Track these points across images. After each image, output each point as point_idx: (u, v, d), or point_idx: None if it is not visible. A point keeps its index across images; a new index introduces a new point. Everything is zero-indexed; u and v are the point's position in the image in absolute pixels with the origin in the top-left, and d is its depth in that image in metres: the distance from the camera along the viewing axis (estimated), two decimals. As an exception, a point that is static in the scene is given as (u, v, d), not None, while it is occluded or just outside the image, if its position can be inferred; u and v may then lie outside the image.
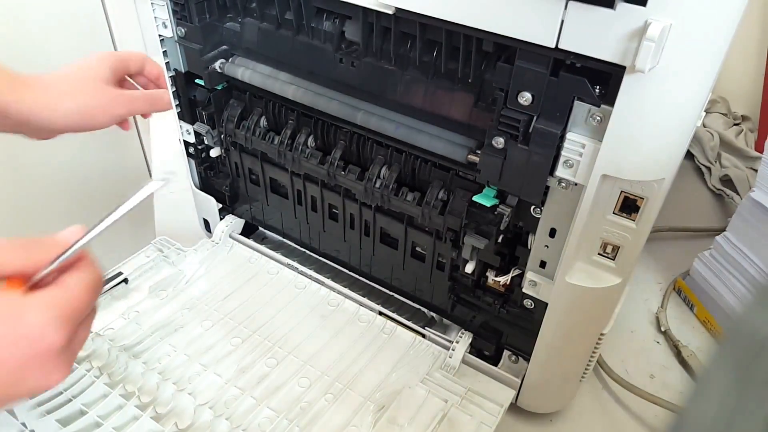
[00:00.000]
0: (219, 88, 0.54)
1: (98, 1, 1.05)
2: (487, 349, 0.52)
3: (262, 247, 0.62)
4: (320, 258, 0.62)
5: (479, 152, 0.40)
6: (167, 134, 0.58)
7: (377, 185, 0.48)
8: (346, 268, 0.60)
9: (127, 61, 0.59)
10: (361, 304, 0.57)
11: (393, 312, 0.56)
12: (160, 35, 0.52)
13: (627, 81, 0.32)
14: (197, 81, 0.54)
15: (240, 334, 0.53)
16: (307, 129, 0.51)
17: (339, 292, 0.58)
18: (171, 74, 0.55)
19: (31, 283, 0.33)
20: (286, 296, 0.58)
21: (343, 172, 0.50)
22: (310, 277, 0.60)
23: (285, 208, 0.59)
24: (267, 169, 0.57)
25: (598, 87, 0.34)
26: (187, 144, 0.60)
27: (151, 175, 0.81)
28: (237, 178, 0.61)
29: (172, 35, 0.51)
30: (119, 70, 0.58)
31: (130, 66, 0.59)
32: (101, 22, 1.06)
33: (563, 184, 0.38)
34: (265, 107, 0.53)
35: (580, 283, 0.41)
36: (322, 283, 0.59)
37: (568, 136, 0.36)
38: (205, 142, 0.58)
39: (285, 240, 0.64)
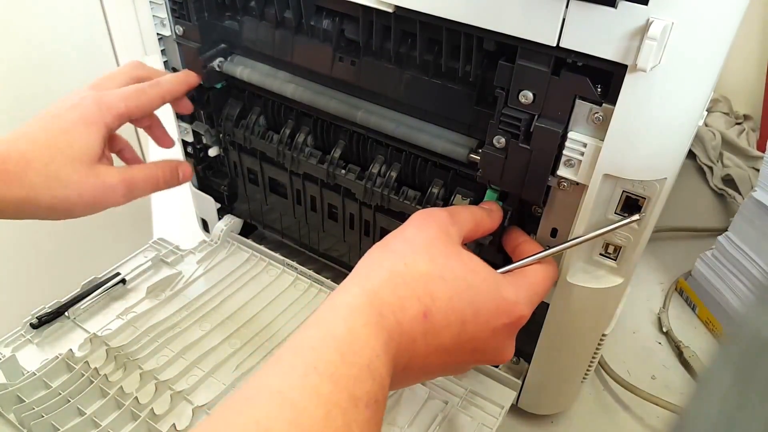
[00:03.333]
0: (218, 87, 0.53)
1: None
2: (488, 349, 0.52)
3: (262, 248, 0.62)
4: (320, 258, 0.62)
5: (480, 151, 0.40)
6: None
7: (377, 184, 0.48)
8: (347, 269, 0.60)
9: (132, 109, 0.45)
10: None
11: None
12: (158, 34, 0.52)
13: (629, 80, 0.31)
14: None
15: (239, 336, 0.53)
16: (306, 128, 0.51)
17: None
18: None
19: (503, 271, 0.37)
20: (286, 298, 0.57)
21: (343, 171, 0.49)
22: (310, 277, 0.59)
23: (284, 207, 0.59)
24: (266, 168, 0.56)
25: (599, 86, 0.34)
26: (185, 143, 0.60)
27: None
28: (235, 177, 0.60)
29: (170, 34, 0.51)
30: (114, 125, 0.44)
31: (132, 111, 0.45)
32: (99, 20, 1.06)
33: (564, 184, 0.38)
34: (264, 106, 0.53)
35: (582, 283, 0.41)
36: (323, 284, 0.59)
37: (570, 135, 0.35)
38: (204, 141, 0.58)
39: (284, 240, 0.63)
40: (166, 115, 0.58)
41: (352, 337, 0.29)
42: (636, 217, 0.36)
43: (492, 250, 0.45)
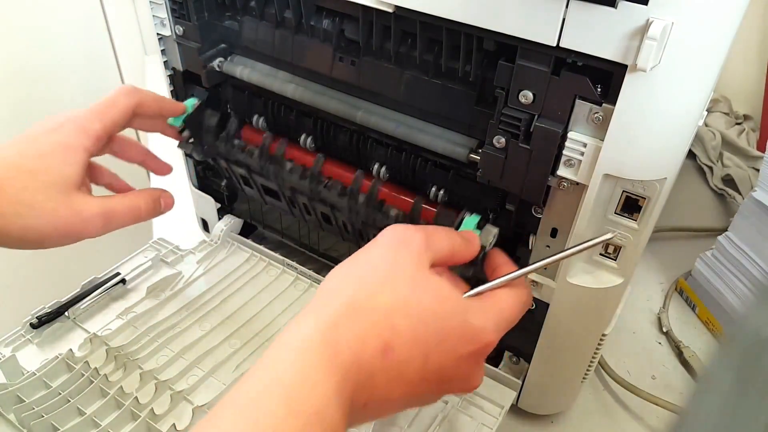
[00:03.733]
0: (189, 107, 0.51)
1: None
2: (488, 350, 0.52)
3: (262, 248, 0.62)
4: (320, 258, 0.62)
5: (480, 151, 0.40)
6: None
7: (360, 201, 0.47)
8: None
9: (109, 126, 0.43)
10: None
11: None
12: (158, 34, 0.52)
13: (629, 80, 0.31)
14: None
15: (239, 336, 0.53)
16: (300, 131, 0.51)
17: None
18: (169, 73, 0.54)
19: (470, 294, 0.36)
20: (286, 298, 0.57)
21: (325, 188, 0.48)
22: (310, 277, 0.59)
23: (282, 208, 0.59)
24: (256, 177, 0.56)
25: (599, 86, 0.34)
26: (185, 144, 0.60)
27: (149, 177, 0.81)
28: (231, 180, 0.60)
29: (170, 34, 0.51)
30: (95, 149, 0.43)
31: (109, 128, 0.44)
32: (99, 20, 1.06)
33: (564, 184, 0.38)
34: (263, 106, 0.53)
35: (582, 283, 0.41)
36: (322, 284, 0.59)
37: (570, 135, 0.35)
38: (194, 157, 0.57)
39: (284, 240, 0.63)
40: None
41: (302, 382, 0.27)
42: (609, 236, 0.36)
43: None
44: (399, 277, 0.32)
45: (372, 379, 0.29)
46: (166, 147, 0.54)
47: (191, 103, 0.52)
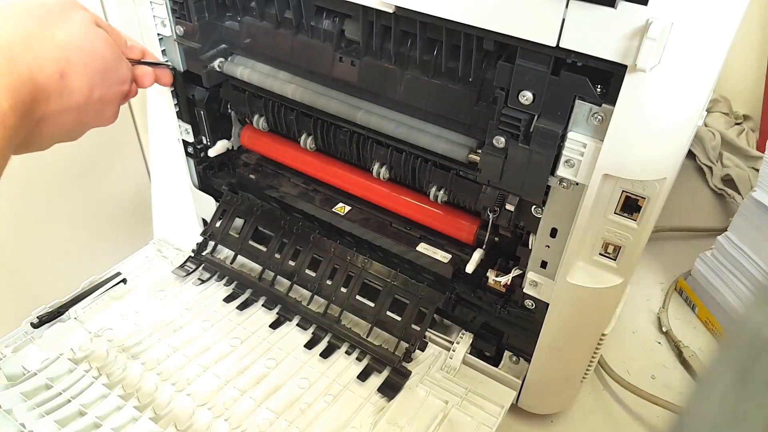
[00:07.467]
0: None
1: None
2: (488, 349, 0.52)
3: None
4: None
5: (480, 151, 0.40)
6: (165, 134, 0.57)
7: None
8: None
9: None
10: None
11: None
12: (158, 34, 0.52)
13: (628, 80, 0.31)
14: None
15: (239, 335, 0.53)
16: (300, 132, 0.51)
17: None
18: (170, 73, 0.54)
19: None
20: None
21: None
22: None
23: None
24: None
25: (599, 86, 0.34)
26: (185, 143, 0.60)
27: (150, 176, 0.81)
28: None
29: (171, 34, 0.51)
30: None
31: None
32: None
33: (564, 184, 0.38)
34: (264, 107, 0.53)
35: (582, 283, 0.41)
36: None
37: (570, 135, 0.35)
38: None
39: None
40: (166, 112, 0.58)
41: None
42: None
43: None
44: (75, 22, 0.38)
45: (48, 98, 0.35)
46: (167, 146, 0.54)
47: None
